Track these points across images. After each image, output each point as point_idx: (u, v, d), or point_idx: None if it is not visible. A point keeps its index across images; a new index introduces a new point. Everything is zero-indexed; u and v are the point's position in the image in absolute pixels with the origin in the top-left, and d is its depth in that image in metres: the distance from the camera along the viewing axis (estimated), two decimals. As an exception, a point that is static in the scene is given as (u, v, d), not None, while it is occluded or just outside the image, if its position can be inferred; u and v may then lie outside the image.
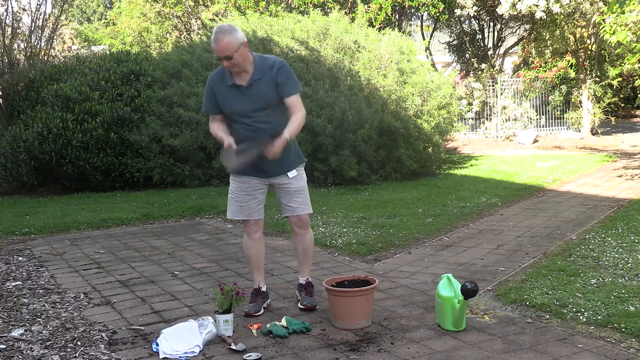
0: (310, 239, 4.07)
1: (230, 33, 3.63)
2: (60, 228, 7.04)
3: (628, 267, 4.61)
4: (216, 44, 3.62)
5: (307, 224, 4.02)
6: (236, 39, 3.63)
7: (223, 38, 3.60)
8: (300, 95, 3.87)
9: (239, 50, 3.63)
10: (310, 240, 4.08)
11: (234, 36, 3.62)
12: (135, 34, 21.59)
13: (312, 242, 4.11)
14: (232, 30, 3.65)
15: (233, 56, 3.62)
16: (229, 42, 3.61)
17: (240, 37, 3.65)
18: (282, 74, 3.76)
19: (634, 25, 8.48)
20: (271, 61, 3.79)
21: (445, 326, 3.54)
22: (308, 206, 4.00)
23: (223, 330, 3.49)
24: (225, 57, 3.63)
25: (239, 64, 3.69)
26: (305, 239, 4.04)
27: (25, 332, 3.65)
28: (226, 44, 3.60)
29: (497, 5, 15.46)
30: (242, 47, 3.65)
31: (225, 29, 3.64)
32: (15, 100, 11.11)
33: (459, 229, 6.37)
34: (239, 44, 3.63)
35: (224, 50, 3.61)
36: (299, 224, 4.00)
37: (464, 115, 17.01)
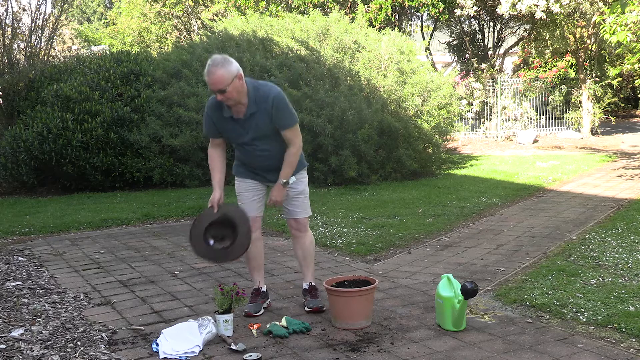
0: (309, 242, 4.03)
1: (223, 65, 3.49)
2: (60, 228, 7.04)
3: (628, 267, 4.61)
4: (209, 77, 3.49)
5: (304, 227, 3.98)
6: (230, 72, 3.49)
7: (216, 71, 3.47)
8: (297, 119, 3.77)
9: (233, 83, 3.50)
10: (310, 243, 4.04)
11: (227, 69, 3.49)
12: (135, 34, 21.59)
13: (312, 245, 4.06)
14: (225, 62, 3.50)
15: (227, 89, 3.50)
16: (222, 76, 3.47)
17: (234, 70, 3.51)
18: (278, 108, 3.64)
19: (634, 25, 8.48)
20: (266, 94, 3.64)
21: (445, 326, 3.54)
22: (306, 210, 3.97)
23: (223, 330, 3.49)
24: (219, 90, 3.50)
25: (233, 98, 3.57)
26: (304, 242, 4.01)
27: (25, 332, 3.65)
28: (219, 77, 3.47)
29: (497, 5, 15.46)
30: (236, 80, 3.52)
31: (218, 62, 3.50)
32: (15, 100, 11.11)
33: (459, 229, 6.37)
34: (233, 76, 3.50)
35: (217, 84, 3.48)
36: (296, 226, 3.98)
37: (464, 115, 17.02)
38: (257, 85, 3.69)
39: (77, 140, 9.70)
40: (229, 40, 11.01)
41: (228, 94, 3.53)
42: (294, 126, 3.72)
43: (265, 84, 3.72)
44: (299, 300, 4.15)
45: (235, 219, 3.72)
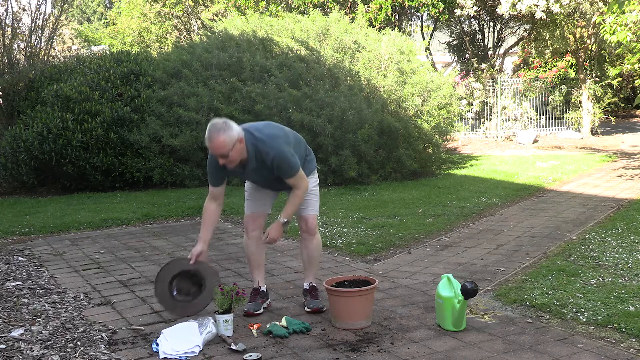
0: (315, 245, 4.02)
1: (225, 131, 3.44)
2: (60, 228, 7.04)
3: (628, 267, 4.60)
4: (210, 142, 3.46)
5: (313, 229, 3.97)
6: (231, 137, 3.45)
7: (217, 137, 3.43)
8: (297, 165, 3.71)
9: (235, 147, 3.48)
10: (316, 246, 4.02)
11: (228, 134, 3.44)
12: (135, 34, 21.59)
13: (317, 248, 4.04)
14: (226, 127, 3.46)
15: (229, 154, 3.48)
16: (223, 141, 3.44)
17: (235, 135, 3.47)
18: (279, 166, 3.61)
19: (634, 25, 8.48)
20: (266, 154, 3.60)
21: (445, 326, 3.54)
22: (313, 208, 3.97)
23: (223, 330, 3.49)
24: (221, 155, 3.49)
25: (235, 161, 3.55)
26: (310, 244, 4.00)
27: (25, 332, 3.65)
28: (221, 143, 3.44)
29: (497, 5, 15.46)
30: (237, 144, 3.48)
31: (219, 127, 3.45)
32: (15, 100, 11.11)
33: (459, 229, 6.37)
34: (235, 141, 3.47)
35: (218, 149, 3.46)
36: (305, 227, 3.97)
37: (464, 115, 17.02)
38: (256, 142, 3.61)
39: (77, 140, 9.70)
40: (229, 40, 11.01)
41: (230, 157, 3.51)
42: (296, 175, 3.67)
43: (264, 142, 3.61)
44: (299, 300, 4.15)
45: (205, 279, 3.76)
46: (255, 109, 9.56)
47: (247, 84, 9.99)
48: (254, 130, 3.65)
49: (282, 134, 3.74)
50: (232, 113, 9.60)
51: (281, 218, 3.70)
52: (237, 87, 9.99)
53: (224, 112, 9.64)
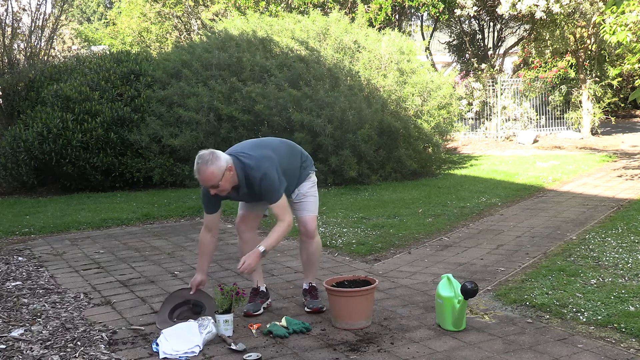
0: (315, 248, 3.98)
1: (212, 162, 3.43)
2: (60, 228, 7.04)
3: (628, 267, 4.60)
4: (199, 175, 3.46)
5: (312, 232, 3.92)
6: (219, 167, 3.45)
7: (206, 169, 3.43)
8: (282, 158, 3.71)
9: (224, 177, 3.48)
10: (315, 249, 3.99)
11: (216, 165, 3.44)
12: (135, 34, 21.59)
13: (317, 251, 4.02)
14: (214, 159, 3.45)
15: (219, 185, 3.48)
16: (212, 173, 3.44)
17: (223, 165, 3.46)
18: (266, 190, 3.59)
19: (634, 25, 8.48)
20: (254, 178, 3.58)
21: (445, 326, 3.54)
22: (311, 210, 3.94)
23: (223, 330, 3.49)
24: (211, 186, 3.49)
25: (226, 189, 3.55)
26: (309, 247, 3.97)
27: (25, 332, 3.65)
28: (210, 175, 3.44)
29: (497, 5, 15.46)
30: (227, 173, 3.48)
31: (206, 159, 3.44)
32: (15, 100, 11.11)
33: (459, 229, 6.37)
34: (223, 171, 3.46)
35: (208, 181, 3.46)
36: (304, 230, 3.93)
37: (464, 115, 17.02)
38: (245, 168, 3.59)
39: (77, 140, 9.70)
40: (229, 40, 11.01)
41: (221, 187, 3.51)
42: (279, 202, 3.61)
43: (252, 167, 3.59)
44: (299, 300, 4.15)
45: (205, 308, 3.79)
46: (255, 109, 9.56)
47: (247, 84, 9.99)
48: (242, 156, 3.62)
49: (270, 155, 3.67)
50: (232, 113, 9.60)
51: (261, 247, 3.59)
52: (237, 87, 9.99)
53: (224, 112, 9.64)
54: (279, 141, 3.93)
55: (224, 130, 9.69)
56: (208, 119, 9.78)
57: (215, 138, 9.81)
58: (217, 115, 9.81)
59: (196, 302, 3.84)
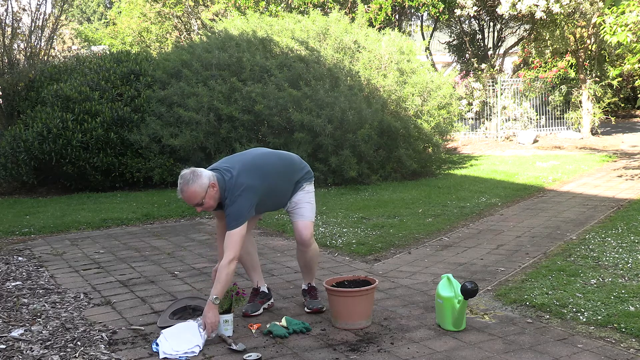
0: (311, 255, 3.92)
1: (194, 182, 3.42)
2: (60, 228, 7.04)
3: (628, 267, 4.61)
4: (182, 195, 3.45)
5: (307, 241, 3.83)
6: (202, 185, 3.43)
7: (188, 189, 3.42)
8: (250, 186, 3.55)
9: (208, 193, 3.46)
10: (312, 256, 3.93)
11: (198, 184, 3.42)
12: (135, 34, 21.60)
13: (314, 258, 3.97)
14: (195, 177, 3.43)
15: (203, 202, 3.47)
16: (194, 192, 3.43)
17: (205, 183, 3.44)
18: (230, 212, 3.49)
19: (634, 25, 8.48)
20: (231, 192, 3.52)
21: (445, 326, 3.54)
22: (305, 216, 3.84)
23: (223, 330, 3.49)
24: (196, 205, 3.47)
25: (212, 206, 3.53)
26: (306, 255, 3.92)
27: (25, 332, 3.65)
28: (192, 194, 3.43)
29: (497, 5, 15.46)
30: (210, 189, 3.46)
31: (187, 178, 3.43)
32: (15, 100, 11.11)
33: (459, 229, 6.37)
34: (206, 188, 3.44)
35: (192, 200, 3.45)
36: (299, 239, 3.85)
37: (464, 115, 17.02)
38: (224, 188, 3.53)
39: (77, 140, 9.71)
40: (229, 40, 11.01)
41: (205, 204, 3.49)
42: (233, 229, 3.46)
43: (230, 189, 3.52)
44: (299, 300, 4.15)
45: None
46: (255, 109, 9.56)
47: (247, 84, 9.99)
48: (227, 176, 3.55)
49: (254, 185, 3.55)
50: (232, 113, 9.60)
51: (211, 296, 3.44)
52: (237, 87, 9.99)
53: (224, 112, 9.64)
54: (277, 158, 3.82)
55: (224, 130, 9.69)
56: (208, 119, 9.78)
57: (215, 138, 9.82)
58: (217, 115, 9.81)
59: (196, 307, 3.85)
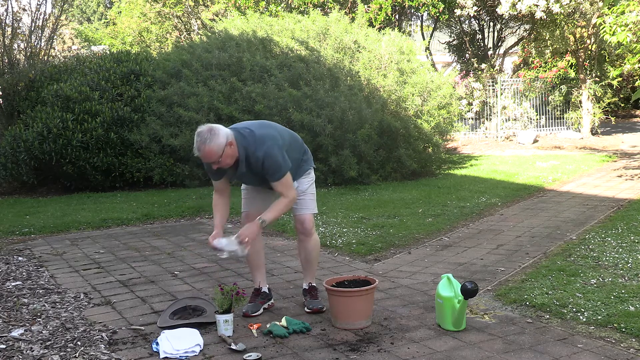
0: (312, 246, 3.97)
1: (211, 140, 3.40)
2: (60, 228, 7.04)
3: (628, 267, 4.61)
4: (200, 153, 3.44)
5: (309, 230, 3.91)
6: (219, 144, 3.42)
7: (204, 148, 3.41)
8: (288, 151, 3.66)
9: (225, 152, 3.45)
10: (313, 247, 3.98)
11: (215, 142, 3.41)
12: (135, 34, 21.59)
13: (315, 248, 4.01)
14: (212, 136, 3.41)
15: (220, 160, 3.48)
16: (211, 150, 3.42)
17: (222, 141, 3.43)
18: (267, 168, 3.56)
19: (634, 25, 8.48)
20: (256, 157, 3.55)
21: (445, 326, 3.54)
22: (309, 208, 3.91)
23: (223, 330, 3.49)
24: (212, 162, 3.49)
25: (228, 164, 3.53)
26: (307, 245, 3.96)
27: (25, 332, 3.65)
28: (208, 153, 3.43)
29: (497, 5, 15.45)
30: (227, 148, 3.45)
31: (205, 137, 3.41)
32: (15, 100, 11.11)
33: (459, 229, 6.37)
34: (223, 147, 3.44)
35: (209, 158, 3.45)
36: (300, 228, 3.92)
37: (464, 115, 17.02)
38: (246, 144, 3.56)
39: (77, 140, 9.70)
40: (229, 40, 11.01)
41: (222, 162, 3.50)
42: (282, 179, 3.59)
43: (254, 144, 3.56)
44: (299, 300, 4.15)
45: (205, 310, 3.82)
46: (255, 109, 9.56)
47: (247, 84, 9.99)
48: (245, 132, 3.60)
49: (274, 135, 3.66)
50: (232, 113, 9.60)
51: (260, 219, 3.59)
52: (237, 87, 9.99)
53: (224, 112, 9.64)
54: (283, 127, 3.90)
55: (224, 130, 9.67)
56: (208, 119, 9.77)
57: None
58: (217, 115, 9.81)
59: (196, 307, 3.85)
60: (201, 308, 3.84)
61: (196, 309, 3.84)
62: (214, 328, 3.58)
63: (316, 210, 4.00)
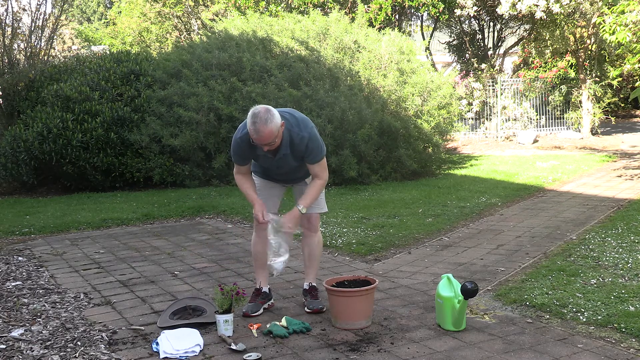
0: (317, 242, 4.01)
1: (271, 121, 3.39)
2: (60, 228, 7.04)
3: (628, 267, 4.61)
4: (258, 135, 3.39)
5: (315, 227, 3.98)
6: (277, 125, 3.43)
7: (265, 128, 3.38)
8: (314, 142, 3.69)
9: (279, 133, 3.48)
10: (318, 244, 4.02)
11: (275, 123, 3.41)
12: (135, 34, 21.59)
13: (319, 246, 4.04)
14: (270, 117, 3.40)
15: (275, 141, 3.49)
16: (271, 131, 3.40)
17: (278, 122, 3.44)
18: (312, 150, 3.63)
19: (634, 25, 8.48)
20: (300, 138, 3.59)
21: (445, 326, 3.54)
22: (320, 206, 3.97)
23: (223, 330, 3.49)
24: (267, 144, 3.47)
25: (277, 144, 3.55)
26: (312, 241, 4.00)
27: (25, 332, 3.65)
28: (268, 134, 3.40)
29: (497, 5, 15.46)
30: (281, 129, 3.49)
31: (265, 117, 3.38)
32: (15, 100, 11.11)
33: (459, 229, 6.37)
34: (279, 128, 3.46)
35: (266, 139, 3.42)
36: (307, 225, 3.97)
37: (464, 115, 17.02)
38: (290, 127, 3.59)
39: (77, 140, 9.70)
40: (229, 40, 11.02)
41: (275, 143, 3.51)
42: (321, 161, 3.72)
43: (297, 125, 3.61)
44: (299, 300, 4.15)
45: (205, 309, 3.83)
46: (255, 109, 9.54)
47: (247, 84, 9.99)
48: (287, 115, 3.64)
49: (310, 120, 3.76)
50: (232, 113, 9.60)
51: (299, 206, 3.70)
52: (237, 87, 9.99)
53: (224, 112, 9.64)
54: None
55: (224, 130, 9.69)
56: (208, 119, 9.78)
57: (215, 138, 9.82)
58: (217, 115, 9.81)
59: (196, 307, 3.86)
60: (201, 308, 3.84)
61: (196, 309, 3.84)
62: (214, 328, 3.58)
63: (326, 209, 4.04)
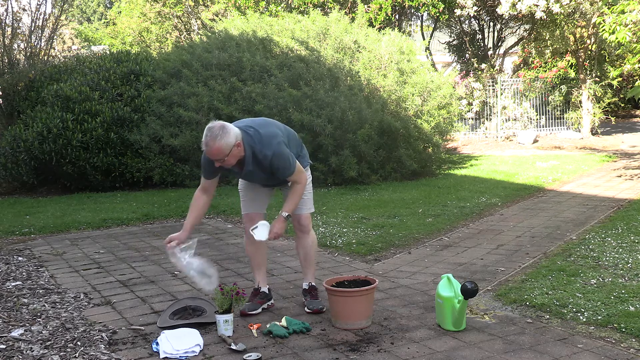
0: (310, 243, 4.01)
1: (222, 138, 3.39)
2: (60, 228, 7.04)
3: (628, 267, 4.61)
4: (207, 149, 3.43)
5: (306, 228, 3.97)
6: (228, 143, 3.41)
7: (214, 144, 3.39)
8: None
9: (231, 152, 3.46)
10: (311, 244, 4.02)
11: (225, 141, 3.40)
12: (135, 34, 21.59)
13: (313, 246, 4.05)
14: (223, 134, 3.40)
15: (225, 159, 3.48)
16: (219, 148, 3.41)
17: (232, 141, 3.42)
18: (278, 167, 3.60)
19: (634, 25, 8.48)
20: (264, 155, 3.56)
21: (445, 326, 3.54)
22: (307, 206, 3.96)
23: (223, 330, 3.50)
24: (217, 160, 3.49)
25: (231, 163, 3.54)
26: (305, 242, 4.00)
27: (25, 332, 3.65)
28: (216, 150, 3.42)
29: (497, 5, 15.45)
30: (234, 149, 3.46)
31: (216, 134, 3.39)
32: (15, 100, 11.11)
33: (459, 229, 6.37)
34: (231, 147, 3.44)
35: (215, 155, 3.45)
36: (298, 226, 3.97)
37: (464, 115, 17.02)
38: (253, 144, 3.57)
39: (77, 140, 9.70)
40: (229, 40, 11.02)
41: (226, 162, 3.51)
42: (294, 171, 3.67)
43: (261, 142, 3.57)
44: (299, 300, 4.15)
45: (205, 309, 3.84)
46: (255, 109, 9.56)
47: (247, 84, 9.99)
48: (250, 131, 3.61)
49: (277, 132, 3.69)
50: (232, 113, 9.60)
51: (283, 212, 3.70)
52: (237, 87, 9.99)
53: (224, 112, 9.64)
54: (282, 124, 3.92)
55: (224, 130, 9.67)
56: (208, 119, 9.72)
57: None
58: (217, 115, 9.79)
59: (196, 307, 3.86)
60: (201, 308, 3.84)
61: (196, 309, 3.84)
62: (214, 328, 3.58)
63: (313, 209, 4.03)
